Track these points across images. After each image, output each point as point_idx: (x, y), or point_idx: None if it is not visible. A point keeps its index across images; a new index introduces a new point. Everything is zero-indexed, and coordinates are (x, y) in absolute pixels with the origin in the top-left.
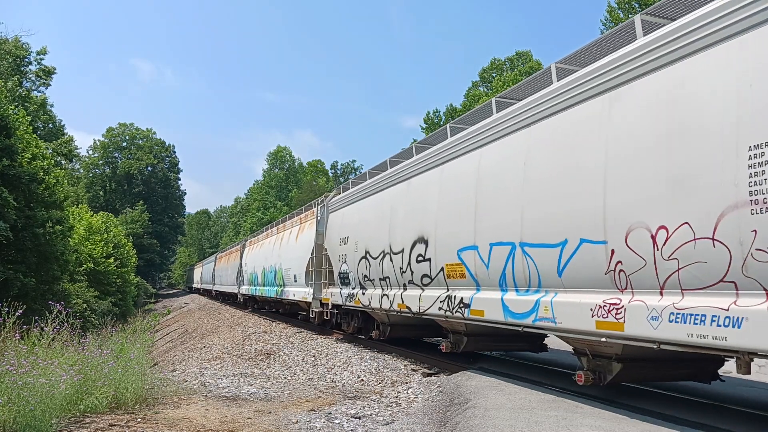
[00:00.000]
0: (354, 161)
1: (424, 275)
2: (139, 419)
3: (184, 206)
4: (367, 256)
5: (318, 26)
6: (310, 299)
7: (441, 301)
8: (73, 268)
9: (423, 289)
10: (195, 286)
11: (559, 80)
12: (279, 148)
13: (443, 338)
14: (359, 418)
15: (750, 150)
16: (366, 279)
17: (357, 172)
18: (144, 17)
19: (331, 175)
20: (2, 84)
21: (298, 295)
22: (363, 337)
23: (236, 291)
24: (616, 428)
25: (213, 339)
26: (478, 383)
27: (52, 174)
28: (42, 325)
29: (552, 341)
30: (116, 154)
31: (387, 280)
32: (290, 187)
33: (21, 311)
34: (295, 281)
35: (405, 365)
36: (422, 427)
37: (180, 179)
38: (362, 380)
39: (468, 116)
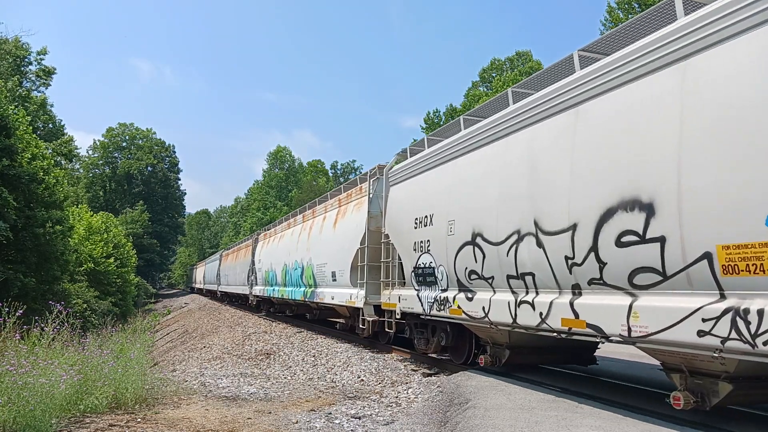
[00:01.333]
0: (354, 161)
1: (643, 269)
2: (139, 419)
3: (184, 206)
4: (478, 240)
5: (318, 26)
6: (359, 304)
7: (711, 320)
8: (73, 268)
9: (635, 296)
10: (197, 286)
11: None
12: (279, 148)
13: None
14: (359, 418)
15: None
16: (474, 276)
17: (357, 172)
18: (143, 17)
19: (331, 175)
20: (2, 84)
21: (339, 298)
22: (451, 359)
23: (247, 292)
24: (616, 428)
25: (213, 339)
26: (478, 383)
27: (52, 174)
28: (42, 325)
29: None
30: (116, 154)
31: (527, 278)
32: (290, 187)
33: (21, 311)
34: (334, 280)
35: (405, 365)
36: (422, 427)
37: (180, 179)
38: (362, 380)
39: None
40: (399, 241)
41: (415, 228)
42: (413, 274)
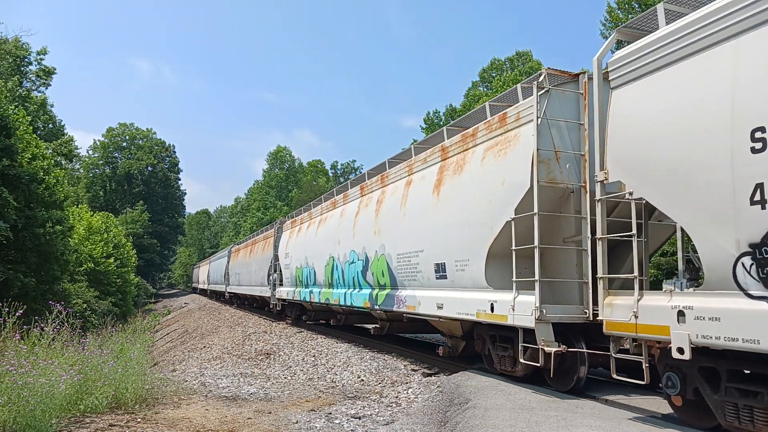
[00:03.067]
0: (354, 161)
1: None
2: (139, 419)
3: (184, 206)
4: None
5: (317, 26)
6: (520, 320)
7: None
8: (73, 268)
9: None
10: (200, 287)
11: None
12: (279, 148)
13: None
14: (359, 418)
15: None
16: None
17: (357, 172)
18: (142, 16)
19: (331, 175)
20: (2, 84)
21: (457, 308)
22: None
23: (267, 294)
24: (616, 428)
25: (213, 339)
26: (478, 383)
27: (52, 174)
28: (42, 325)
29: None
30: (116, 154)
31: None
32: (290, 187)
33: (21, 311)
34: (442, 276)
35: (405, 365)
36: (422, 427)
37: (180, 179)
38: (362, 380)
39: None
40: (671, 193)
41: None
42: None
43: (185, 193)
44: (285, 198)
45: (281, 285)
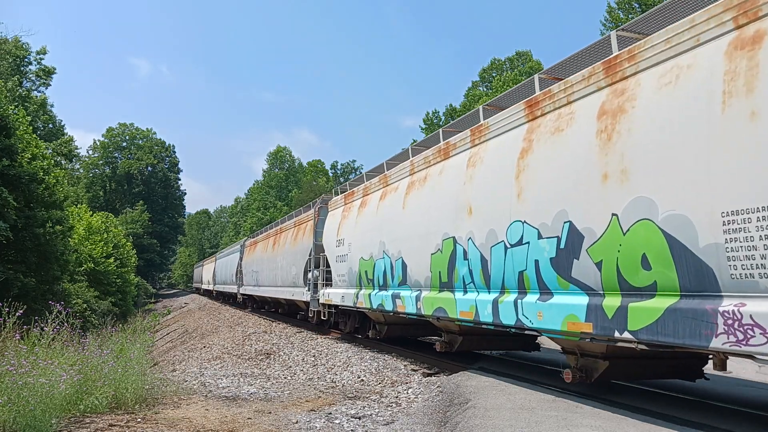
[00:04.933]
0: (354, 161)
1: None
2: (139, 419)
3: (184, 206)
4: None
5: (317, 25)
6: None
7: None
8: (73, 268)
9: None
10: (204, 287)
11: None
12: (279, 148)
13: None
14: (359, 418)
15: None
16: None
17: (357, 172)
18: (141, 16)
19: (331, 175)
20: (2, 84)
21: None
22: None
23: (303, 298)
24: (616, 428)
25: (213, 339)
26: (478, 383)
27: (52, 174)
28: (42, 325)
29: None
30: (116, 154)
31: None
32: (290, 187)
33: (21, 311)
34: None
35: (405, 365)
36: (422, 427)
37: (180, 179)
38: (362, 380)
39: None
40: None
41: None
42: None
43: (185, 193)
44: (285, 198)
45: (328, 285)
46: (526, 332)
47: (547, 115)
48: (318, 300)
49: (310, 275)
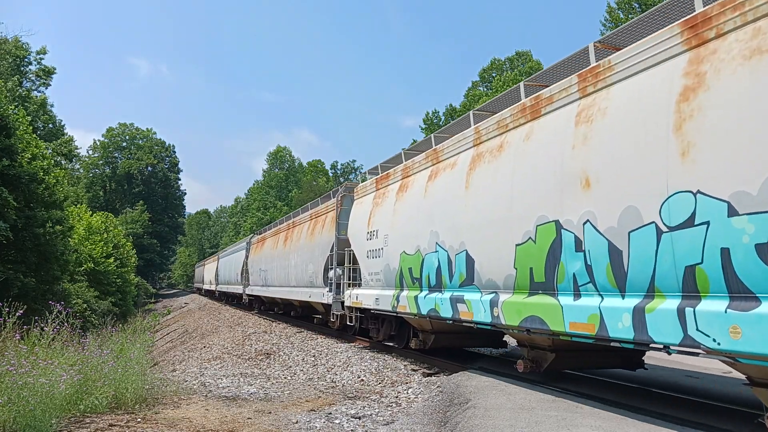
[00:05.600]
0: (354, 161)
1: None
2: (139, 419)
3: (184, 206)
4: None
5: (317, 25)
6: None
7: None
8: (73, 268)
9: None
10: (206, 287)
11: None
12: (279, 148)
13: None
14: (359, 418)
15: None
16: None
17: (357, 172)
18: (141, 16)
19: (331, 175)
20: (2, 84)
21: None
22: None
23: (322, 300)
24: (616, 428)
25: (213, 339)
26: (478, 383)
27: (52, 174)
28: (42, 325)
29: None
30: (116, 154)
31: None
32: (290, 187)
33: (21, 311)
34: None
35: (405, 365)
36: (422, 427)
37: (180, 179)
38: (362, 380)
39: None
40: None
41: None
42: None
43: (185, 193)
44: (285, 198)
45: (355, 286)
46: (708, 355)
47: (730, 34)
48: (342, 302)
49: (331, 274)
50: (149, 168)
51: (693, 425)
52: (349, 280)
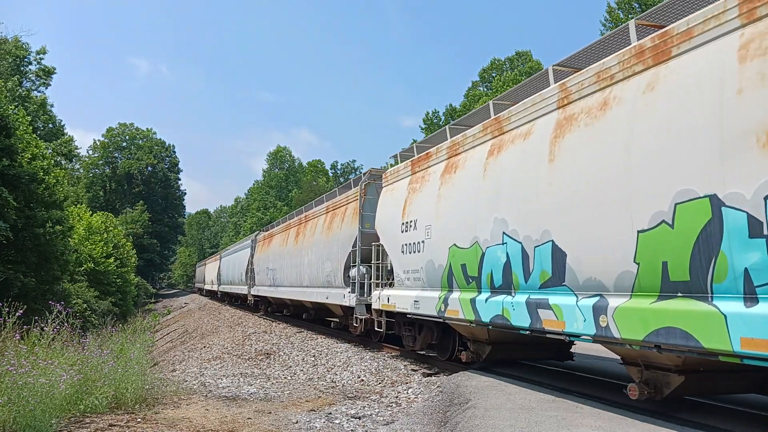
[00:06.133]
0: (354, 161)
1: None
2: (139, 419)
3: (184, 206)
4: None
5: (317, 25)
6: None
7: None
8: (73, 268)
9: None
10: (207, 287)
11: None
12: (279, 148)
13: None
14: (359, 418)
15: None
16: None
17: (357, 172)
18: (141, 16)
19: (331, 175)
20: (2, 84)
21: None
22: None
23: (342, 302)
24: (616, 428)
25: (213, 339)
26: (478, 383)
27: (52, 174)
28: (42, 325)
29: None
30: (116, 154)
31: None
32: (290, 187)
33: (21, 311)
34: None
35: (405, 365)
36: (422, 427)
37: (180, 179)
38: (362, 380)
39: None
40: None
41: None
42: None
43: (185, 193)
44: (285, 198)
45: (385, 286)
46: None
47: None
48: (369, 304)
49: (353, 272)
50: (149, 168)
51: (693, 425)
52: (377, 279)
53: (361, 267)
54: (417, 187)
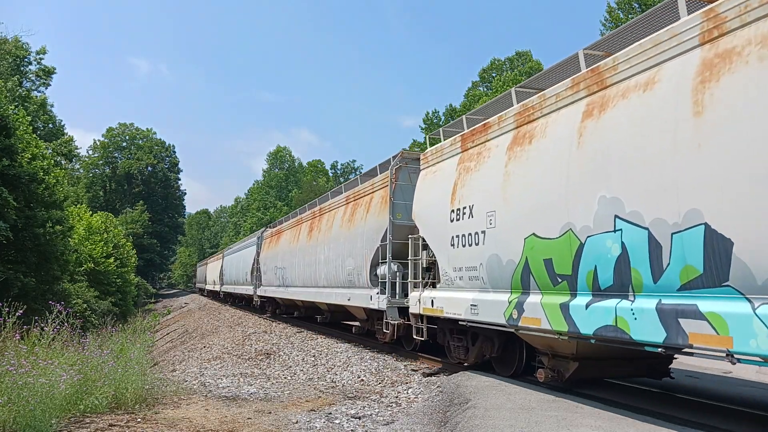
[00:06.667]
0: (354, 161)
1: None
2: (139, 419)
3: (184, 206)
4: None
5: (317, 25)
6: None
7: None
8: (73, 268)
9: None
10: (208, 287)
11: None
12: (279, 148)
13: None
14: (359, 418)
15: None
16: None
17: (357, 172)
18: (141, 16)
19: (331, 175)
20: (2, 84)
21: None
22: None
23: (370, 304)
24: (616, 428)
25: (213, 339)
26: (478, 383)
27: (52, 174)
28: (42, 325)
29: None
30: (116, 154)
31: None
32: (290, 187)
33: (21, 311)
34: None
35: (405, 365)
36: (422, 427)
37: (180, 179)
38: (362, 380)
39: None
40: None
41: None
42: None
43: (185, 193)
44: (285, 198)
45: (426, 286)
46: None
47: None
48: (401, 308)
49: (381, 270)
50: (149, 168)
51: (693, 425)
52: (414, 278)
53: (392, 264)
54: (471, 166)
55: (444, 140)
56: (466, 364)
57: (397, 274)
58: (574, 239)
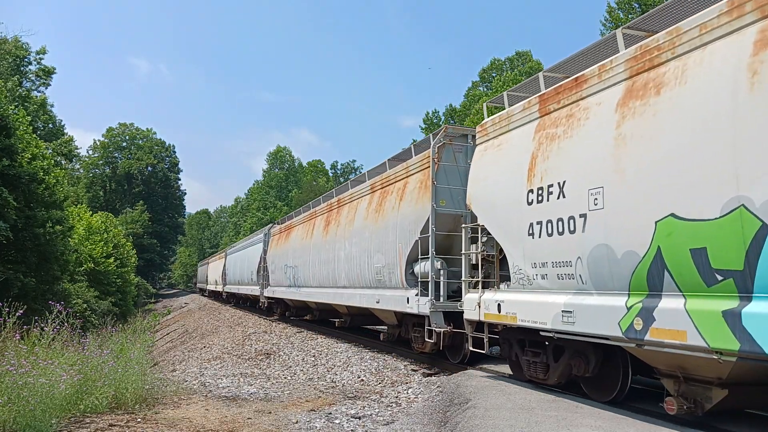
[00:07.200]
0: (354, 161)
1: None
2: (139, 419)
3: (184, 206)
4: None
5: (317, 25)
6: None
7: None
8: (73, 268)
9: None
10: (210, 287)
11: None
12: (279, 148)
13: None
14: (359, 418)
15: None
16: None
17: (357, 172)
18: (141, 16)
19: (331, 175)
20: (2, 84)
21: None
22: None
23: (409, 309)
24: (616, 428)
25: (213, 339)
26: (478, 383)
27: (52, 174)
28: (42, 325)
29: None
30: (116, 154)
31: None
32: (290, 187)
33: (21, 311)
34: None
35: (405, 365)
36: (422, 427)
37: (180, 179)
38: (362, 380)
39: None
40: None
41: None
42: None
43: (185, 193)
44: (285, 198)
45: (485, 287)
46: None
47: None
48: (447, 312)
49: (421, 267)
50: (149, 168)
51: (693, 425)
52: (470, 277)
53: (435, 261)
54: (558, 132)
55: (514, 104)
56: (548, 384)
57: (441, 272)
58: (751, 220)
